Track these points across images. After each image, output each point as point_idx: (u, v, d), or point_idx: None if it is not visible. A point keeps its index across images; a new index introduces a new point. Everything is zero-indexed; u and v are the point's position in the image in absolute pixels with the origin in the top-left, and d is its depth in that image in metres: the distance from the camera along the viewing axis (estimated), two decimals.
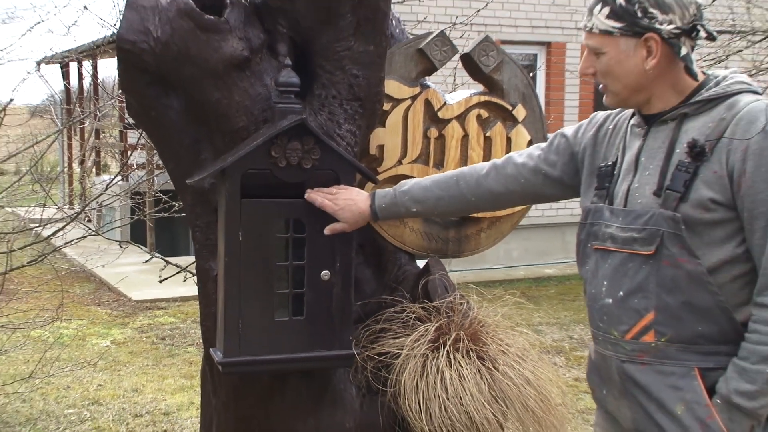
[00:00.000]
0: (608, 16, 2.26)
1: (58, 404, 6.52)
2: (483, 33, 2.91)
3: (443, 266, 2.77)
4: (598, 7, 2.28)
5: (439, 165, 2.75)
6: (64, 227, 5.63)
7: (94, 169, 16.09)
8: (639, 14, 2.22)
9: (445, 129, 2.75)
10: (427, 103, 2.73)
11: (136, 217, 8.20)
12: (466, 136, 2.77)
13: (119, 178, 9.39)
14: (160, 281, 9.17)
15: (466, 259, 2.80)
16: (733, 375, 2.17)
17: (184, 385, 6.90)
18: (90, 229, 6.45)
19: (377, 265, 2.75)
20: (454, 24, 6.70)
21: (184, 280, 6.11)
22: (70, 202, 13.85)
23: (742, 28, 9.30)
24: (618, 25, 2.25)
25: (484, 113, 2.80)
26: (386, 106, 2.67)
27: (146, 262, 11.50)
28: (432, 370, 2.44)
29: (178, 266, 6.28)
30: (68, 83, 17.74)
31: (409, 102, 2.70)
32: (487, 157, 2.78)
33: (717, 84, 2.27)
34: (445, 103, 2.76)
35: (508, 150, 2.80)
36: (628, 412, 2.35)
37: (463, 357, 2.47)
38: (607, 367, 2.40)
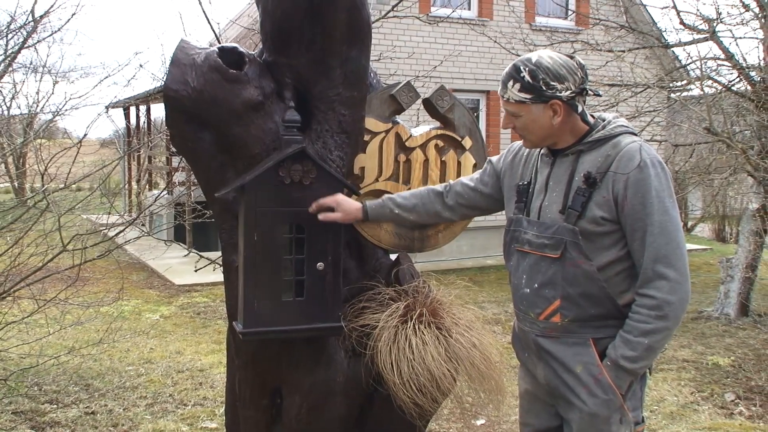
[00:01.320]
0: (520, 90, 2.30)
1: (120, 362, 6.51)
2: (439, 83, 2.89)
3: (410, 259, 2.77)
4: (511, 82, 2.32)
5: (407, 182, 2.75)
6: (124, 229, 5.59)
7: (147, 186, 16.03)
8: (543, 87, 2.27)
9: (411, 155, 2.73)
10: (397, 135, 2.72)
11: (178, 222, 8.18)
12: (426, 160, 2.76)
13: (165, 192, 9.35)
14: (196, 270, 9.14)
15: (427, 253, 2.79)
16: (619, 344, 2.26)
17: (215, 349, 6.89)
18: (144, 231, 6.40)
19: (360, 258, 2.73)
20: (417, 76, 6.69)
21: (214, 270, 6.10)
22: (129, 211, 13.74)
23: (627, 82, 9.33)
24: (528, 96, 2.29)
25: (440, 143, 2.78)
26: (366, 137, 2.66)
27: (185, 256, 11.42)
28: (401, 338, 2.44)
29: (209, 259, 6.27)
30: (129, 122, 17.77)
31: (383, 134, 2.68)
32: (443, 176, 2.78)
33: (604, 127, 2.35)
34: (410, 135, 2.74)
35: (459, 171, 2.80)
36: (542, 372, 2.42)
37: (425, 327, 2.47)
38: (526, 338, 2.46)
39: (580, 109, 2.32)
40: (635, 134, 2.36)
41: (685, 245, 2.25)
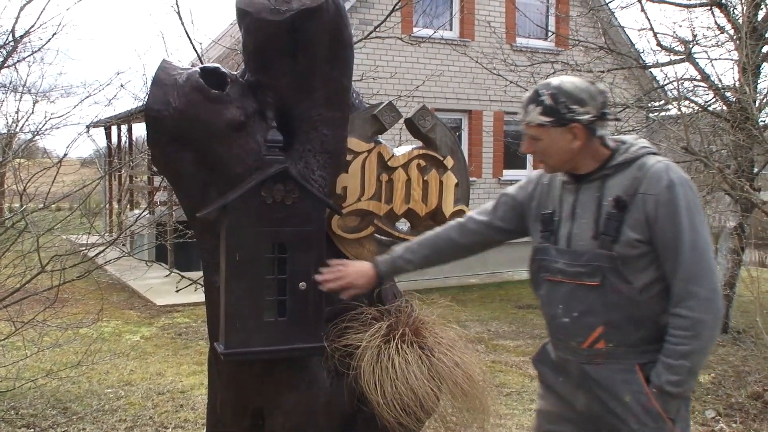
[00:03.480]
0: (541, 113, 2.30)
1: (99, 385, 6.44)
2: (421, 103, 2.89)
3: (393, 278, 2.75)
4: (532, 106, 2.33)
5: (389, 201, 2.74)
6: (104, 249, 5.55)
7: (128, 206, 15.94)
8: (563, 111, 2.28)
9: (393, 174, 2.73)
10: (380, 155, 2.71)
11: (160, 242, 8.15)
12: (409, 180, 2.75)
13: (147, 212, 9.32)
14: (177, 291, 9.08)
15: (411, 273, 2.76)
16: (662, 370, 2.24)
17: (196, 370, 6.83)
18: (124, 251, 6.36)
19: None
20: (400, 96, 6.72)
21: (195, 290, 6.06)
22: (110, 231, 13.62)
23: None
24: (549, 119, 2.30)
25: (423, 162, 2.78)
26: (349, 157, 2.65)
27: (167, 276, 11.35)
28: (385, 357, 2.43)
29: (191, 279, 6.23)
30: (110, 142, 17.70)
31: (366, 154, 2.68)
32: (425, 195, 2.77)
33: (626, 150, 2.35)
34: (393, 155, 2.74)
35: (441, 190, 2.78)
36: (584, 399, 2.39)
37: (408, 347, 2.46)
38: (565, 366, 2.44)
39: (599, 133, 2.34)
40: (659, 154, 2.37)
41: (714, 263, 2.27)
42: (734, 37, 7.97)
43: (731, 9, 8.06)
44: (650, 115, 10.80)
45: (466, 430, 2.61)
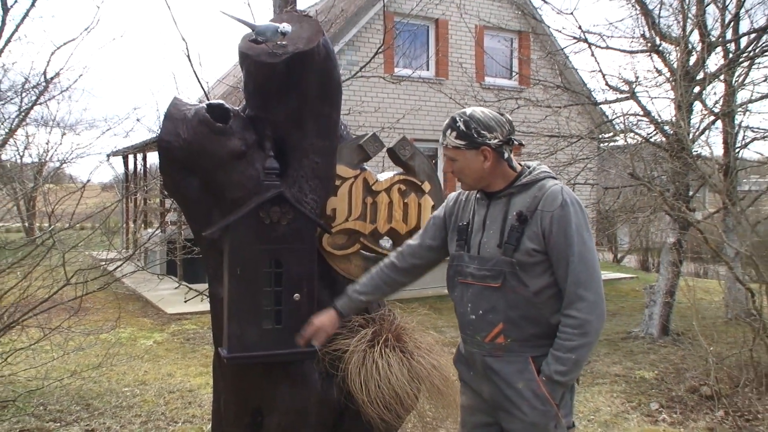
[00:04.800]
0: (456, 137, 2.36)
1: (117, 384, 6.36)
2: (401, 134, 2.87)
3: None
4: (449, 131, 2.38)
5: (374, 221, 2.71)
6: (121, 264, 5.50)
7: (142, 225, 15.87)
8: (475, 135, 2.34)
9: (377, 197, 2.70)
10: (365, 180, 2.68)
11: (170, 257, 8.10)
12: (391, 202, 2.73)
13: (159, 231, 9.30)
14: (186, 301, 9.00)
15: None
16: (551, 361, 2.29)
17: (203, 372, 6.76)
18: (139, 265, 6.30)
19: (332, 289, 2.67)
20: (382, 128, 6.70)
21: (202, 300, 6.03)
22: (127, 247, 13.56)
23: (563, 133, 9.43)
24: (463, 142, 2.35)
25: (403, 187, 2.76)
26: (337, 182, 2.63)
27: (176, 287, 11.28)
28: (369, 361, 2.40)
29: (197, 291, 6.20)
30: (127, 169, 17.67)
31: (352, 180, 2.65)
32: (405, 216, 2.75)
33: (531, 173, 2.42)
34: (376, 180, 2.72)
35: (420, 211, 2.76)
36: (487, 389, 2.42)
37: (390, 351, 2.43)
38: (472, 359, 2.46)
39: (506, 156, 2.38)
40: (556, 178, 2.43)
41: (600, 272, 2.32)
42: (670, 79, 8.05)
43: (667, 55, 8.16)
44: (601, 145, 10.86)
45: (442, 423, 2.57)
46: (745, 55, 7.73)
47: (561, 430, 2.32)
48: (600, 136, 10.28)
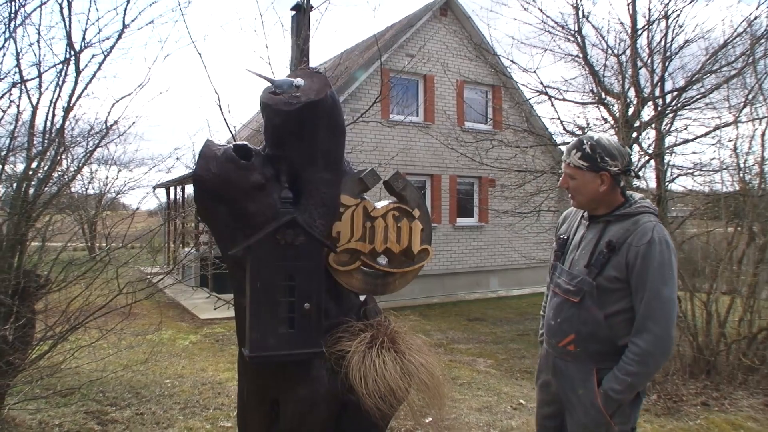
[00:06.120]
0: (580, 158, 2.24)
1: (160, 376, 6.34)
2: (395, 169, 2.84)
3: (375, 300, 2.67)
4: (574, 150, 2.26)
5: (371, 242, 2.64)
6: (163, 277, 5.47)
7: (181, 245, 15.83)
8: (598, 159, 2.21)
9: (375, 222, 2.65)
10: (365, 208, 2.64)
11: (203, 272, 8.06)
12: (386, 226, 2.68)
13: (194, 250, 9.28)
14: (215, 308, 8.91)
15: (388, 295, 2.68)
16: (611, 378, 2.17)
17: (230, 367, 6.75)
18: (177, 278, 6.27)
19: (337, 300, 2.61)
20: (380, 164, 6.68)
21: (228, 308, 6.02)
22: (168, 263, 13.49)
23: (530, 168, 9.44)
24: (585, 164, 2.23)
25: (397, 213, 2.71)
26: (342, 209, 2.57)
27: (208, 297, 11.22)
28: (368, 360, 2.33)
29: (225, 300, 6.14)
30: (169, 198, 17.70)
31: (354, 207, 2.60)
32: (399, 238, 2.68)
33: (631, 205, 2.26)
34: (374, 207, 2.67)
35: (411, 234, 2.69)
36: (555, 385, 2.37)
37: (386, 351, 2.37)
38: (548, 357, 2.42)
39: (622, 184, 2.26)
40: (654, 213, 2.26)
41: (673, 312, 2.14)
42: (614, 126, 8.10)
43: (611, 107, 8.24)
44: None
45: (429, 411, 2.51)
46: (670, 108, 7.83)
47: None
48: (560, 171, 10.28)
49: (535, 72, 8.65)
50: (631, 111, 8.00)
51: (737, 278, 6.28)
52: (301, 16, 9.34)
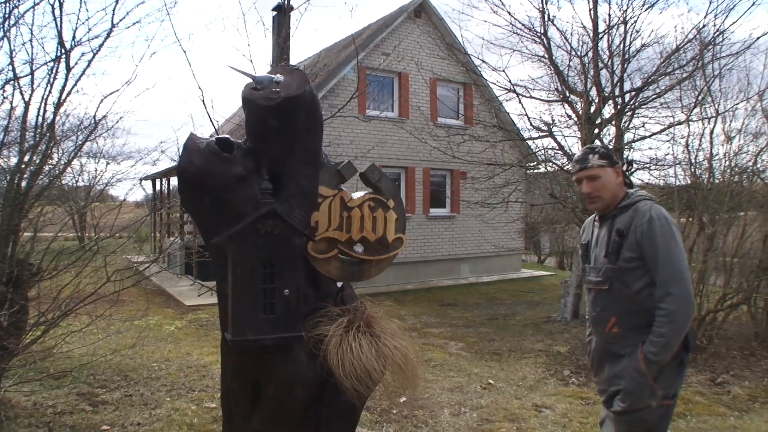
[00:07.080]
0: (599, 158, 2.44)
1: (147, 360, 6.28)
2: (371, 162, 2.82)
3: (351, 286, 2.65)
4: (591, 155, 2.46)
5: (348, 231, 2.62)
6: (149, 265, 5.40)
7: (166, 234, 15.63)
8: (612, 156, 2.45)
9: (352, 212, 2.63)
10: (341, 198, 2.61)
11: (187, 260, 8.00)
12: (362, 216, 2.66)
13: (178, 239, 9.18)
14: (199, 295, 8.84)
15: (365, 282, 2.67)
16: (648, 343, 2.31)
17: (214, 351, 6.71)
18: (163, 267, 6.21)
19: (316, 286, 2.59)
20: (356, 157, 6.67)
21: (211, 295, 5.99)
22: (154, 252, 13.33)
23: (499, 162, 9.47)
24: (605, 161, 2.44)
25: (372, 204, 2.69)
26: (320, 200, 2.55)
27: (192, 284, 11.15)
28: (345, 343, 2.32)
29: (209, 287, 6.15)
30: (155, 190, 17.45)
31: (331, 198, 2.58)
32: (374, 227, 2.66)
33: (629, 197, 2.46)
34: (351, 198, 2.65)
35: (386, 223, 2.67)
36: (608, 367, 2.49)
37: (362, 335, 2.35)
38: (596, 346, 2.56)
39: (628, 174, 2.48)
40: (650, 199, 2.44)
41: (686, 272, 2.29)
42: (577, 123, 8.16)
43: (575, 104, 8.30)
44: (528, 171, 10.90)
45: (403, 392, 2.51)
46: (628, 106, 7.94)
47: (654, 398, 2.32)
48: (527, 165, 10.35)
49: (504, 71, 8.68)
50: (593, 109, 8.08)
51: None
52: (282, 16, 9.24)
